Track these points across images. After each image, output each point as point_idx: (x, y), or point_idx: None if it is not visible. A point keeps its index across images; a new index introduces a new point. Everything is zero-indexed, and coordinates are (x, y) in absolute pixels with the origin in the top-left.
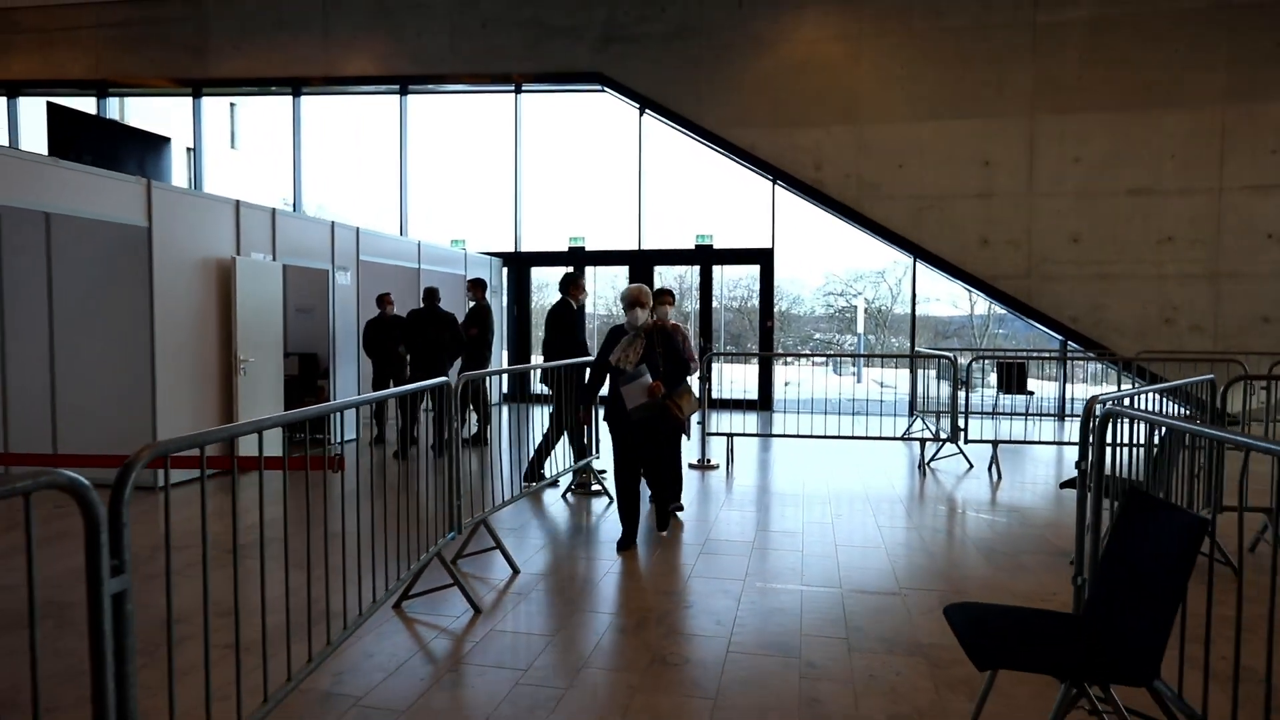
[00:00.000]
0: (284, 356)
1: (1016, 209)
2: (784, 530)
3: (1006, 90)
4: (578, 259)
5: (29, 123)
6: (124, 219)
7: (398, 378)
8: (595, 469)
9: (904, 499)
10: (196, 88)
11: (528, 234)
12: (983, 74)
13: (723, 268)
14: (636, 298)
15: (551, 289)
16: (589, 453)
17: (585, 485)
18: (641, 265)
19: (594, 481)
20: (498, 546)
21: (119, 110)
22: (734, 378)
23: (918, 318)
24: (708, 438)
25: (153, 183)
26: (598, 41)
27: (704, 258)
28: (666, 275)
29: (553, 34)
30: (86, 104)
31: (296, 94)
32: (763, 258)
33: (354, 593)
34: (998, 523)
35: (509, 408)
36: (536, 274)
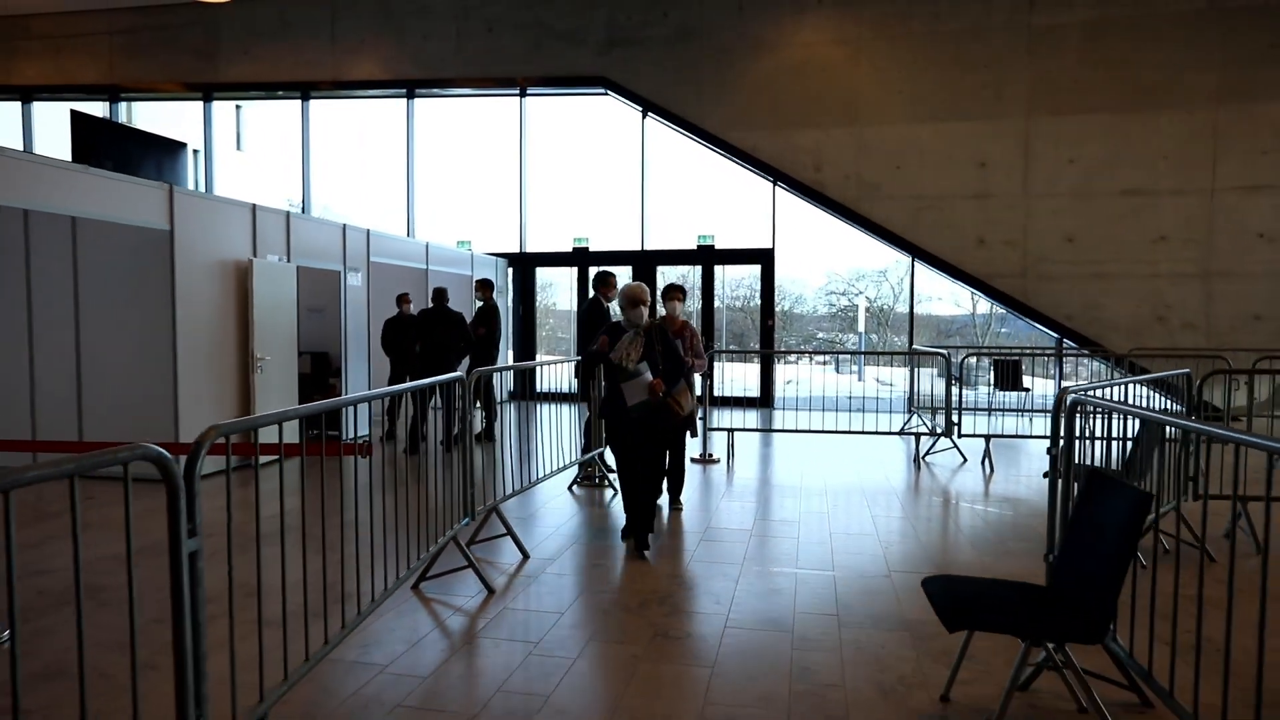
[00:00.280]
0: (297, 355)
1: (1013, 209)
2: (781, 519)
3: (1003, 92)
4: (582, 259)
5: (42, 127)
6: (147, 223)
7: (414, 376)
8: (601, 463)
9: (898, 491)
10: (207, 92)
11: (532, 235)
12: (980, 76)
13: (724, 267)
14: (637, 296)
15: (554, 289)
16: (595, 445)
17: (591, 478)
18: (644, 265)
19: (599, 474)
20: (509, 533)
21: (126, 113)
22: (736, 376)
23: (922, 317)
24: (709, 433)
25: (174, 188)
26: (601, 45)
27: (706, 258)
28: (669, 275)
29: (556, 38)
30: (93, 108)
31: (305, 98)
32: (763, 258)
33: (377, 574)
34: (986, 513)
35: (515, 405)
36: (541, 274)
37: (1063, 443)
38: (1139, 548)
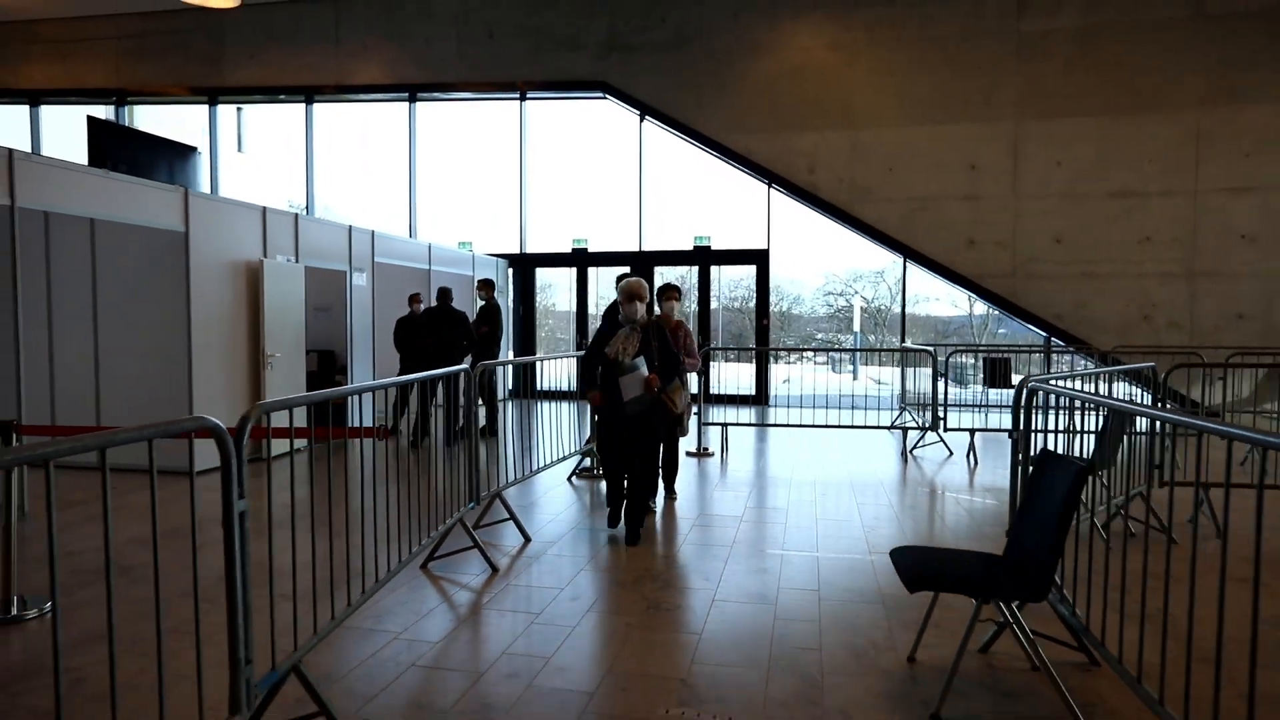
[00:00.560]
0: (305, 352)
1: (1003, 211)
2: (771, 507)
3: (993, 96)
4: (581, 260)
5: (50, 130)
6: (164, 225)
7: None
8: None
9: (885, 482)
10: (212, 96)
11: (532, 236)
12: (971, 81)
13: (720, 268)
14: (636, 291)
15: (556, 289)
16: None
17: (589, 470)
18: (642, 266)
19: (597, 467)
20: (511, 517)
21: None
22: (733, 374)
23: (921, 317)
24: (704, 427)
25: (189, 191)
26: (600, 50)
27: (702, 258)
28: (667, 275)
29: (556, 43)
30: (95, 110)
31: (309, 101)
32: (759, 258)
33: (390, 553)
34: (969, 502)
35: (515, 403)
36: (541, 274)
37: (1021, 424)
38: (1111, 531)
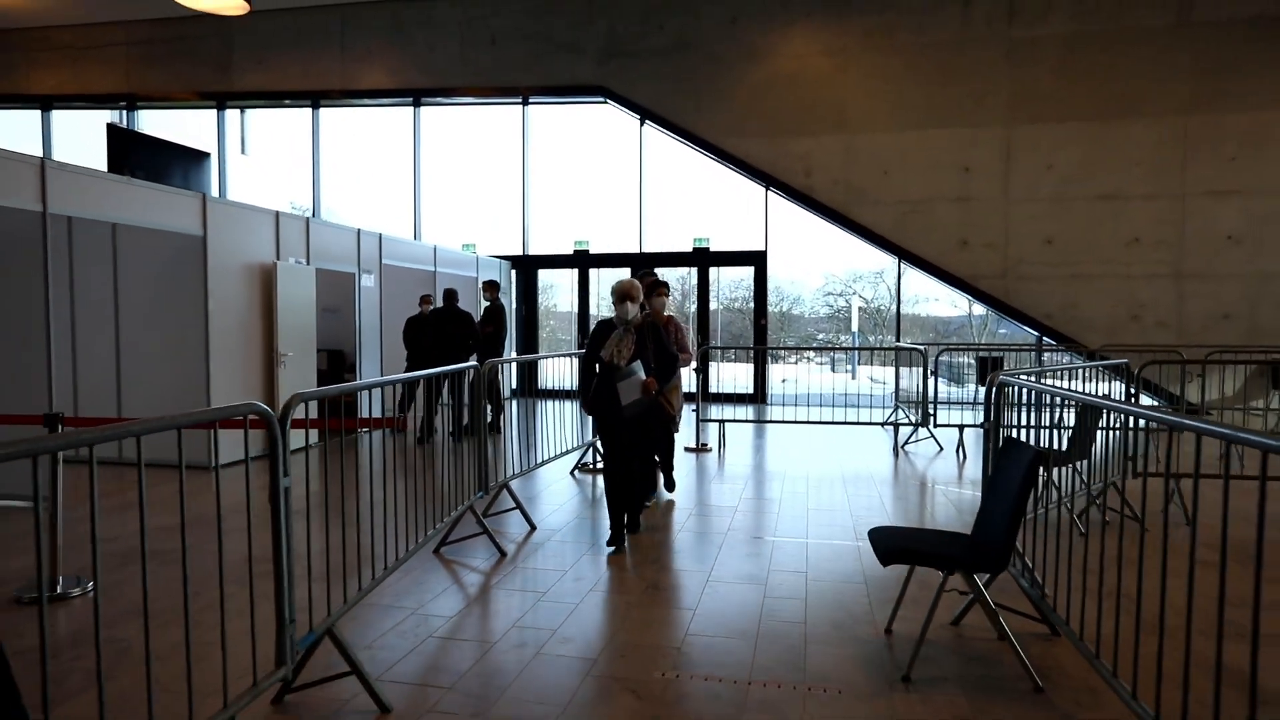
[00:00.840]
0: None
1: (994, 213)
2: (765, 498)
3: (984, 101)
4: (582, 262)
5: (60, 134)
6: (183, 229)
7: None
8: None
9: (876, 476)
10: (220, 101)
11: (535, 238)
12: (962, 86)
13: (719, 269)
14: (627, 292)
15: (557, 290)
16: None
17: (590, 465)
18: (642, 267)
19: (598, 462)
20: (517, 506)
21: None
22: (732, 374)
23: (921, 317)
24: (702, 424)
25: (207, 197)
26: (600, 56)
27: (701, 259)
28: (667, 276)
29: (558, 49)
30: (101, 115)
31: (315, 106)
32: (757, 259)
33: (404, 538)
34: (952, 493)
35: (518, 401)
36: (543, 276)
37: (992, 416)
38: (1087, 519)
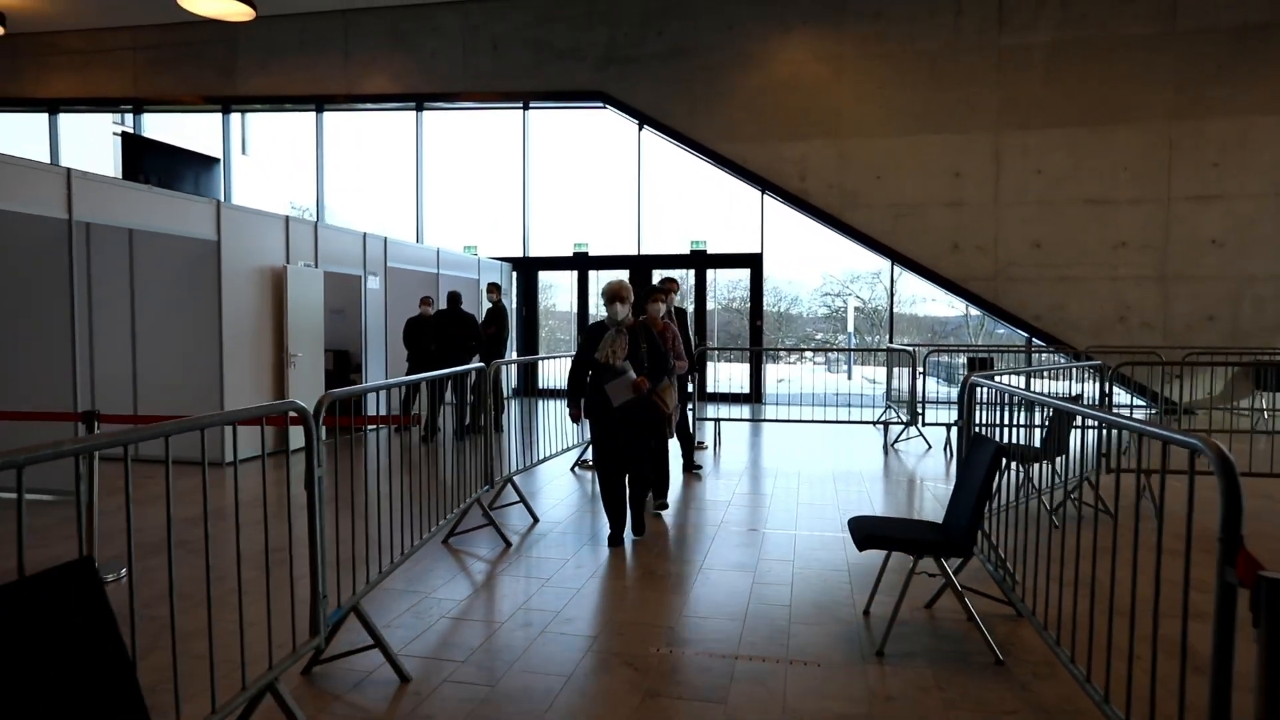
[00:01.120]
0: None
1: (984, 217)
2: (757, 493)
3: (975, 108)
4: (581, 263)
5: (67, 137)
6: (199, 234)
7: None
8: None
9: (865, 472)
10: (225, 105)
11: (535, 240)
12: (953, 93)
13: (716, 271)
14: (617, 292)
15: (557, 290)
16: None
17: (589, 462)
18: (640, 269)
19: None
20: (521, 500)
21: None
22: (729, 374)
23: (920, 318)
24: (699, 422)
25: (221, 203)
26: (599, 62)
27: (698, 262)
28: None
29: (558, 55)
30: (103, 119)
31: (319, 110)
32: (753, 262)
33: (416, 529)
34: (938, 489)
35: (518, 401)
36: (543, 277)
37: (965, 415)
38: (1063, 513)
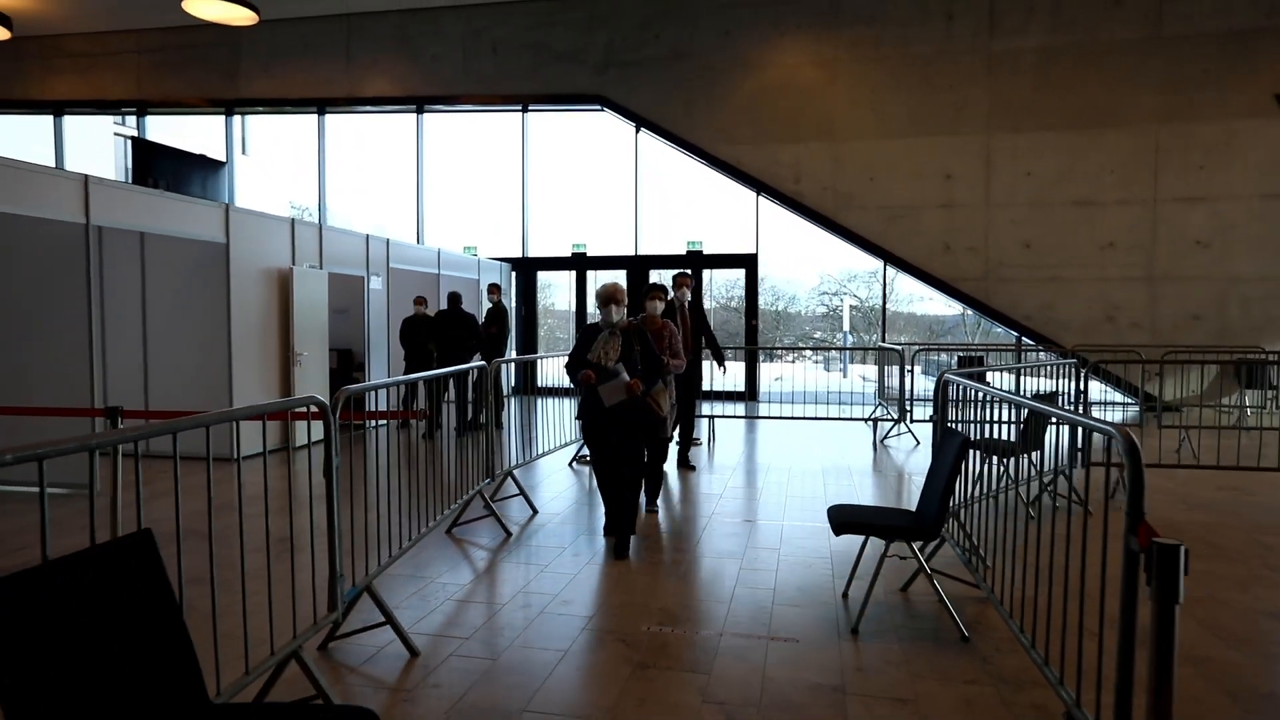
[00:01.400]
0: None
1: (975, 218)
2: (747, 487)
3: (966, 111)
4: (580, 264)
5: (72, 139)
6: (208, 237)
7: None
8: None
9: (854, 467)
10: (228, 107)
11: (534, 240)
12: (945, 96)
13: (712, 271)
14: (612, 295)
15: (555, 289)
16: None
17: (587, 457)
18: (638, 269)
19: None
20: (521, 493)
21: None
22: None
23: (919, 316)
24: (694, 418)
25: (230, 206)
26: (598, 65)
27: (695, 262)
28: (664, 278)
29: (557, 58)
30: (103, 121)
31: (321, 112)
32: (748, 262)
33: (421, 519)
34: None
35: (517, 399)
36: (541, 277)
37: (939, 410)
38: (1039, 505)
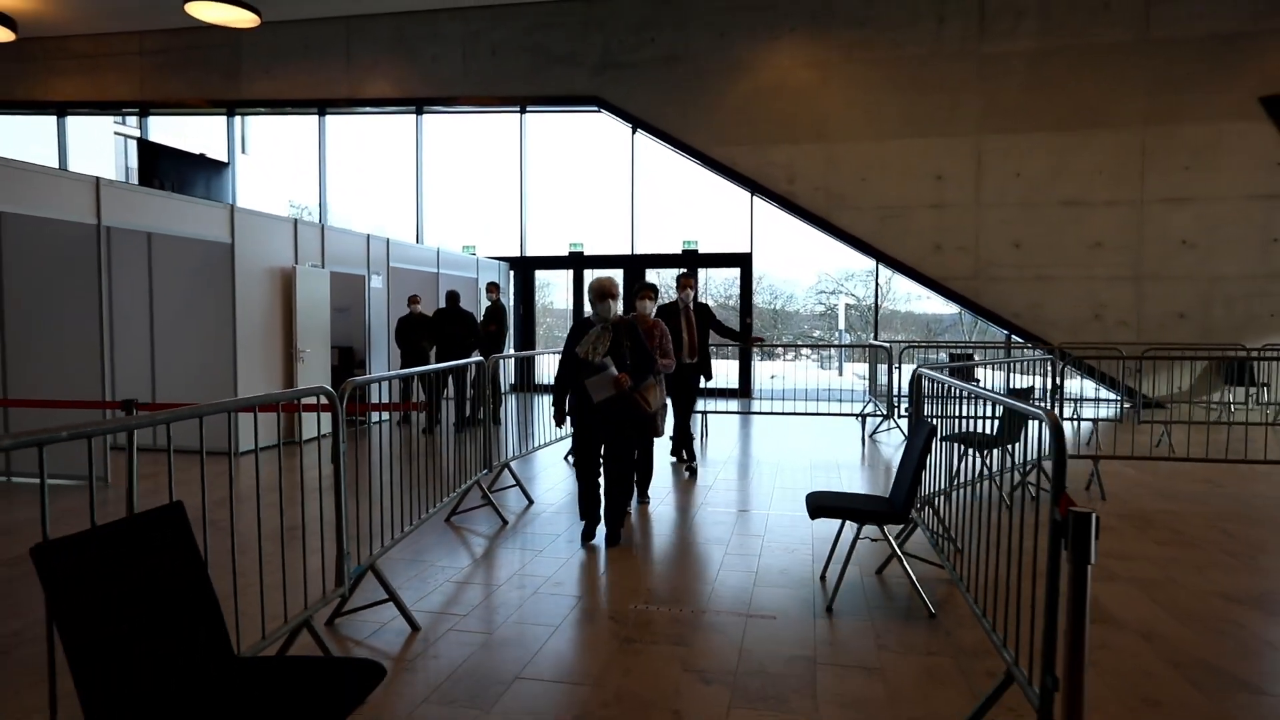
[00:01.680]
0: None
1: (966, 218)
2: (736, 478)
3: (957, 112)
4: (577, 263)
5: (75, 140)
6: (214, 237)
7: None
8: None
9: (842, 461)
10: (230, 108)
11: (532, 240)
12: (936, 98)
13: (708, 271)
14: (606, 289)
15: (553, 288)
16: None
17: None
18: (634, 268)
19: None
20: (517, 484)
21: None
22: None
23: (917, 314)
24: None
25: (235, 207)
26: (595, 67)
27: (690, 261)
28: (659, 277)
29: (555, 61)
30: (102, 122)
31: (322, 113)
32: (743, 261)
33: (421, 507)
34: None
35: (515, 395)
36: (540, 276)
37: (911, 403)
38: (1015, 496)
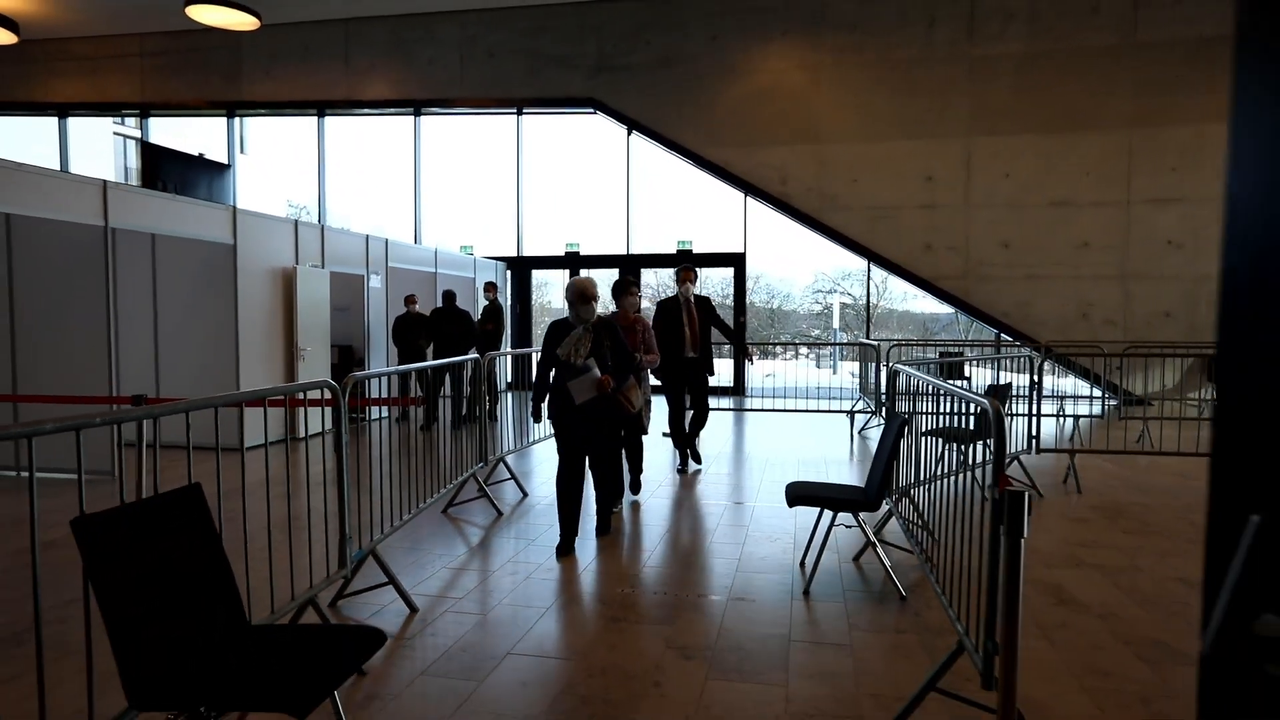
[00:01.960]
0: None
1: (956, 219)
2: (724, 472)
3: (947, 114)
4: (573, 262)
5: (76, 140)
6: (217, 238)
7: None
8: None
9: (830, 456)
10: (230, 109)
11: (528, 240)
12: (926, 100)
13: (702, 270)
14: (585, 290)
15: (550, 288)
16: None
17: None
18: (630, 268)
19: None
20: (512, 477)
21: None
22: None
23: (914, 313)
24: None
25: (237, 209)
26: (590, 70)
27: (685, 260)
28: (656, 276)
29: (550, 63)
30: (102, 122)
31: (321, 115)
32: (736, 261)
33: (419, 498)
34: None
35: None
36: (536, 275)
37: (888, 398)
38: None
